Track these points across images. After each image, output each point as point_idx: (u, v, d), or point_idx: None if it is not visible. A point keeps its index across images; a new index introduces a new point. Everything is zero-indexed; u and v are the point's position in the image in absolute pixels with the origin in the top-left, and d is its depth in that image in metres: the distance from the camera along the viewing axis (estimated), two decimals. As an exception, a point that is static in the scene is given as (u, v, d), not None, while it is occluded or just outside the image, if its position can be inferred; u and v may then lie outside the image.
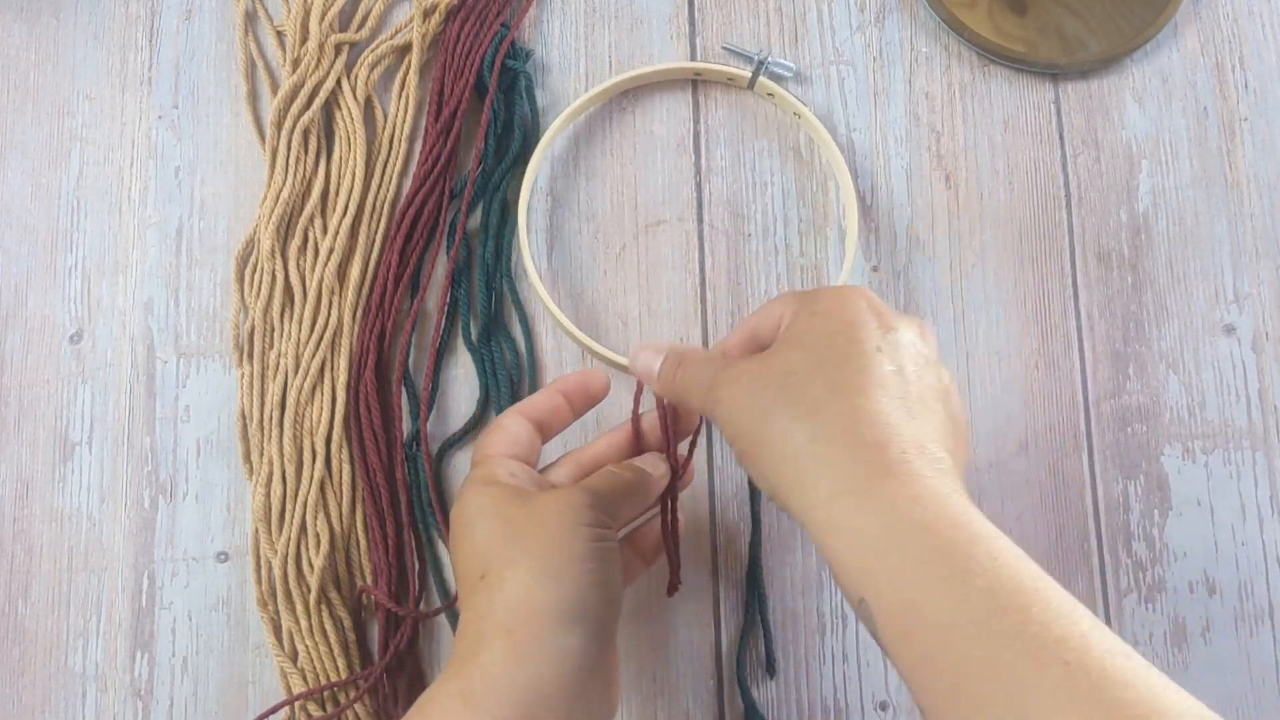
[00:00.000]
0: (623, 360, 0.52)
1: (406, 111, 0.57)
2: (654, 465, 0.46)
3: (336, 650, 0.50)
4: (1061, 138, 0.57)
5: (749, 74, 0.56)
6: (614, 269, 0.56)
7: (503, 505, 0.41)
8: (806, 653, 0.52)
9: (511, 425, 0.45)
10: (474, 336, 0.54)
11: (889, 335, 0.38)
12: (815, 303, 0.40)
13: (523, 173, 0.56)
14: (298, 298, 0.54)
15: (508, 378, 0.53)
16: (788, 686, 0.51)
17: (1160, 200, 0.56)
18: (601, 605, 0.40)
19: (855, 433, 0.36)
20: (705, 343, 0.55)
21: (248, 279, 0.54)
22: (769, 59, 0.56)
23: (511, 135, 0.56)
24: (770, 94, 0.57)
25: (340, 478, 0.52)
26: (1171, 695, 0.29)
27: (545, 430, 0.46)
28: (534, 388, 0.54)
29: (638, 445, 0.47)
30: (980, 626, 0.31)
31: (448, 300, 0.54)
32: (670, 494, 0.47)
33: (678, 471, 0.47)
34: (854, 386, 0.37)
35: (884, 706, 0.51)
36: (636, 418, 0.47)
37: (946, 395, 0.39)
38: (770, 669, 0.51)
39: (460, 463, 0.54)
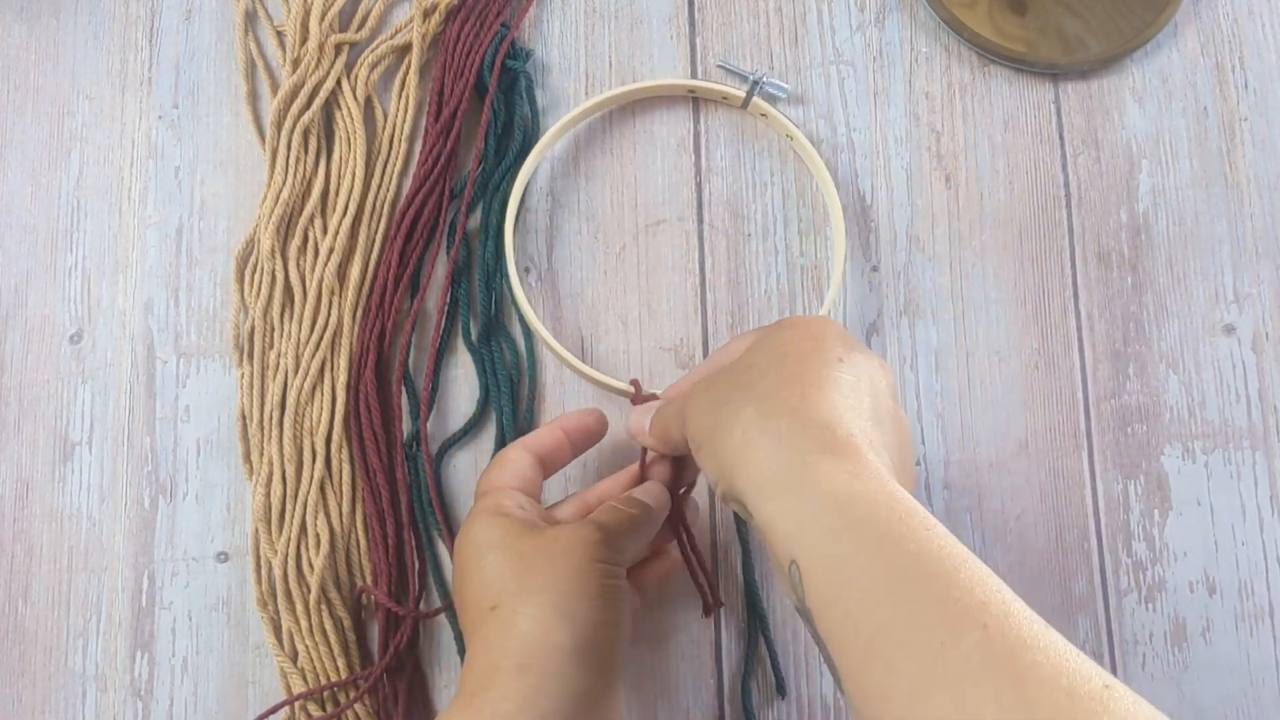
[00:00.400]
0: (620, 384, 0.53)
1: (406, 111, 0.57)
2: (654, 496, 0.46)
3: (336, 650, 0.50)
4: (1061, 138, 0.57)
5: (743, 94, 0.56)
6: (614, 269, 0.56)
7: (513, 538, 0.41)
8: (806, 652, 0.52)
9: (517, 459, 0.45)
10: (474, 336, 0.54)
11: (853, 354, 0.39)
12: (785, 321, 0.42)
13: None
14: (298, 298, 0.54)
15: (508, 378, 0.53)
16: (787, 685, 0.51)
17: (1160, 200, 0.56)
18: (611, 644, 0.40)
19: (804, 413, 0.36)
20: (705, 343, 0.55)
21: (248, 279, 0.54)
22: (764, 79, 0.56)
23: (511, 135, 0.56)
24: (764, 115, 0.56)
25: (340, 478, 0.52)
26: (1083, 662, 0.29)
27: (547, 466, 0.47)
28: (534, 388, 0.54)
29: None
30: (905, 588, 0.31)
31: (448, 300, 0.54)
32: (681, 521, 0.48)
33: (680, 498, 0.47)
34: (809, 382, 0.37)
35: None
36: (644, 458, 0.47)
37: (901, 428, 0.40)
38: (780, 689, 0.51)
39: (460, 463, 0.54)
